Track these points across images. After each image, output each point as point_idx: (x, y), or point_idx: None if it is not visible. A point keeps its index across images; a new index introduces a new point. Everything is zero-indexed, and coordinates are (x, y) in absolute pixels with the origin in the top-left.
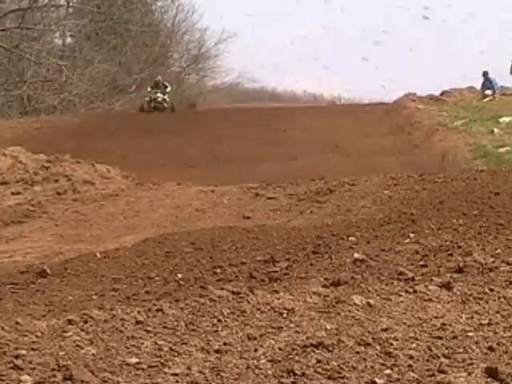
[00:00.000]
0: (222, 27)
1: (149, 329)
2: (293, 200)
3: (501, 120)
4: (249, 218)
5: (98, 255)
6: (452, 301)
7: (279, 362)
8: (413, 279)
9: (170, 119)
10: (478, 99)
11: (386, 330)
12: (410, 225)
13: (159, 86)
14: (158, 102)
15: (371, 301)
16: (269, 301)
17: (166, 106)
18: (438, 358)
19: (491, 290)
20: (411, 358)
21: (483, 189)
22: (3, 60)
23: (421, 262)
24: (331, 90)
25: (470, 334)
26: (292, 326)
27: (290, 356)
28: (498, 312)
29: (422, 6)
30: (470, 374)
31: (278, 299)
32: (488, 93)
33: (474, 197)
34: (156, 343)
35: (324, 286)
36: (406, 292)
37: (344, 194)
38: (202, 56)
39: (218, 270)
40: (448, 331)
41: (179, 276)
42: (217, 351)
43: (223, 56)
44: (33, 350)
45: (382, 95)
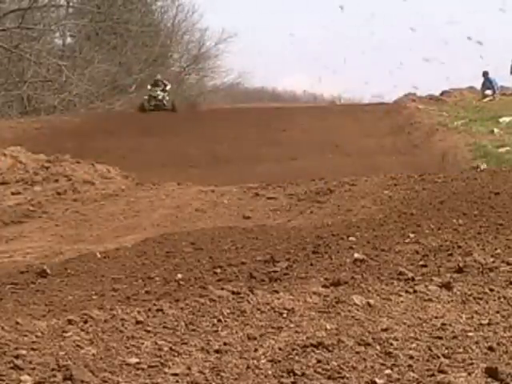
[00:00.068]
0: (222, 27)
1: (149, 329)
2: (293, 200)
3: (501, 120)
4: (249, 218)
5: (98, 255)
6: (452, 301)
7: (279, 362)
8: (413, 279)
9: (170, 119)
10: (478, 99)
11: (386, 330)
12: (410, 225)
13: (159, 85)
14: (158, 99)
15: (371, 301)
16: (269, 301)
17: (167, 105)
18: (438, 358)
19: (491, 290)
20: (411, 358)
21: (483, 189)
22: (3, 60)
23: (421, 262)
24: (331, 90)
25: (470, 333)
26: (292, 325)
27: (290, 356)
28: (498, 312)
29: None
30: (470, 373)
31: (278, 299)
32: (488, 93)
33: (474, 197)
34: (156, 343)
35: (324, 286)
36: (406, 292)
37: (344, 194)
38: (202, 56)
39: (218, 270)
40: (448, 331)
41: (179, 276)
42: (217, 351)
43: (223, 56)
44: (33, 349)
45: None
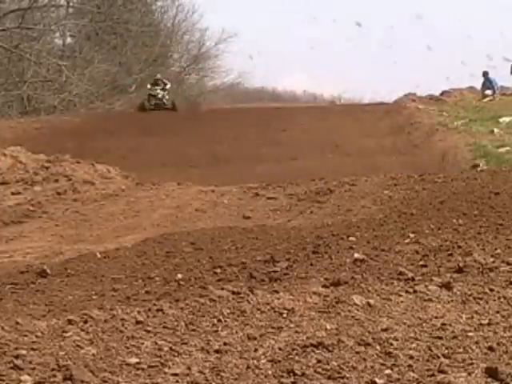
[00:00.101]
0: (222, 27)
1: (149, 329)
2: (293, 200)
3: (501, 120)
4: (249, 218)
5: (98, 255)
6: (452, 301)
7: (279, 362)
8: (413, 279)
9: (169, 119)
10: (478, 99)
11: (386, 330)
12: (410, 225)
13: (159, 84)
14: (158, 98)
15: (371, 301)
16: (269, 301)
17: (167, 104)
18: (438, 357)
19: (491, 290)
20: (411, 357)
21: (483, 189)
22: (3, 60)
23: (421, 262)
24: (331, 90)
25: (470, 333)
26: (292, 325)
27: (290, 356)
28: (498, 312)
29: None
30: (470, 373)
31: (278, 299)
32: (488, 93)
33: (473, 197)
34: (156, 343)
35: (324, 286)
36: (406, 292)
37: (344, 194)
38: (202, 56)
39: (218, 270)
40: (448, 331)
41: (179, 276)
42: (217, 351)
43: (223, 56)
44: (33, 349)
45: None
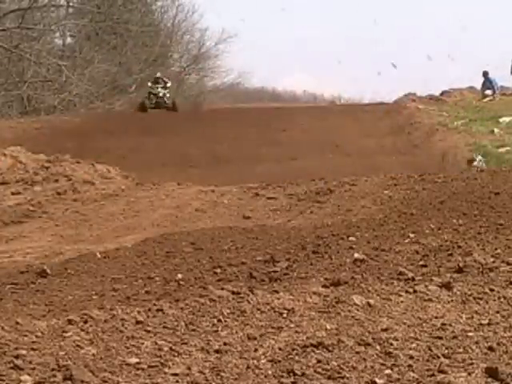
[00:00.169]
0: (222, 27)
1: (149, 329)
2: (293, 200)
3: (501, 120)
4: (249, 218)
5: (98, 255)
6: (452, 301)
7: (279, 362)
8: (413, 279)
9: (169, 119)
10: (478, 99)
11: (386, 330)
12: (410, 225)
13: (159, 82)
14: (159, 97)
15: (371, 301)
16: (269, 301)
17: (168, 103)
18: (438, 357)
19: (491, 290)
20: (411, 358)
21: (483, 189)
22: (3, 60)
23: (421, 262)
24: (331, 90)
25: (470, 333)
26: (292, 325)
27: (290, 356)
28: (498, 312)
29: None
30: (470, 374)
31: (278, 299)
32: (488, 93)
33: (474, 197)
34: (156, 343)
35: (324, 286)
36: (406, 292)
37: (344, 194)
38: (202, 56)
39: (218, 270)
40: (448, 331)
41: (179, 276)
42: (217, 351)
43: (223, 56)
44: (33, 349)
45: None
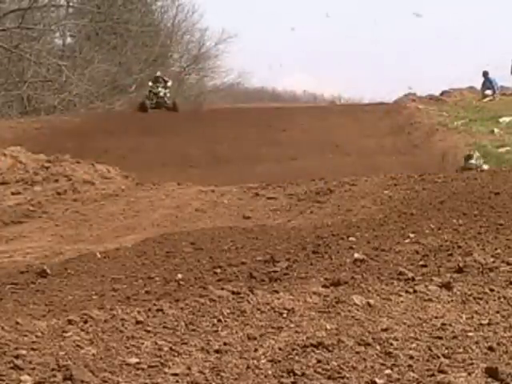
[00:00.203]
0: (222, 27)
1: (149, 329)
2: (293, 200)
3: (501, 120)
4: (249, 218)
5: (98, 255)
6: (452, 301)
7: (279, 362)
8: (413, 279)
9: (169, 119)
10: (478, 99)
11: (386, 330)
12: (410, 225)
13: (160, 81)
14: (159, 96)
15: (371, 301)
16: (269, 301)
17: (168, 102)
18: (438, 357)
19: (491, 290)
20: (411, 358)
21: (483, 189)
22: (3, 60)
23: (421, 262)
24: (331, 90)
25: (470, 333)
26: (292, 325)
27: (290, 356)
28: (498, 312)
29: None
30: (470, 373)
31: (278, 299)
32: (488, 93)
33: (474, 197)
34: (156, 343)
35: (324, 286)
36: (406, 292)
37: (344, 194)
38: (202, 56)
39: (218, 270)
40: (448, 331)
41: (179, 276)
42: (217, 351)
43: (223, 56)
44: (33, 349)
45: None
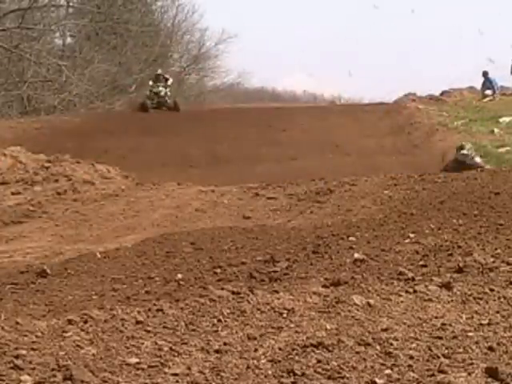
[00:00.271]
0: (222, 27)
1: (149, 329)
2: (293, 200)
3: (501, 120)
4: (249, 218)
5: (98, 255)
6: (452, 301)
7: (279, 362)
8: (413, 279)
9: (169, 119)
10: (478, 99)
11: (386, 330)
12: (410, 225)
13: (160, 80)
14: (160, 96)
15: (371, 301)
16: (269, 301)
17: (169, 102)
18: (438, 357)
19: (491, 290)
20: (411, 358)
21: (483, 189)
22: (3, 60)
23: (421, 262)
24: (331, 90)
25: (470, 333)
26: (292, 325)
27: (290, 356)
28: (498, 312)
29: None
30: (470, 373)
31: (278, 299)
32: (488, 93)
33: (474, 197)
34: (156, 343)
35: (324, 286)
36: (406, 292)
37: (344, 194)
38: (202, 56)
39: (218, 270)
40: (448, 331)
41: (179, 276)
42: (217, 351)
43: (223, 56)
44: (33, 349)
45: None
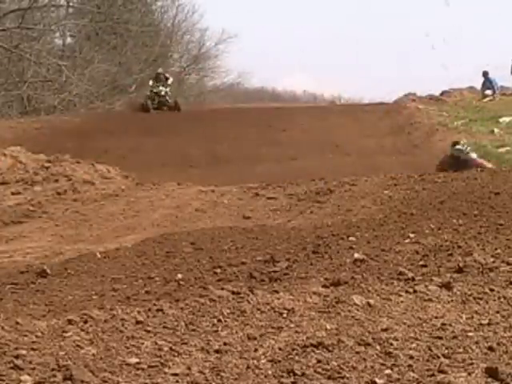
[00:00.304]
0: (222, 27)
1: (149, 329)
2: (293, 200)
3: (501, 120)
4: (249, 218)
5: (98, 255)
6: (452, 301)
7: (279, 362)
8: (413, 279)
9: (169, 119)
10: (478, 99)
11: (386, 330)
12: (410, 225)
13: (160, 79)
14: (161, 96)
15: (371, 301)
16: (269, 301)
17: (170, 101)
18: (438, 357)
19: (491, 290)
20: (411, 358)
21: (483, 189)
22: (3, 60)
23: (421, 262)
24: (331, 90)
25: (470, 333)
26: (292, 325)
27: (290, 356)
28: (498, 312)
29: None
30: (470, 374)
31: (278, 299)
32: (488, 93)
33: (474, 197)
34: (156, 343)
35: (324, 286)
36: (406, 292)
37: (344, 194)
38: (202, 56)
39: (218, 270)
40: (448, 331)
41: (179, 276)
42: (217, 351)
43: (223, 56)
44: (33, 349)
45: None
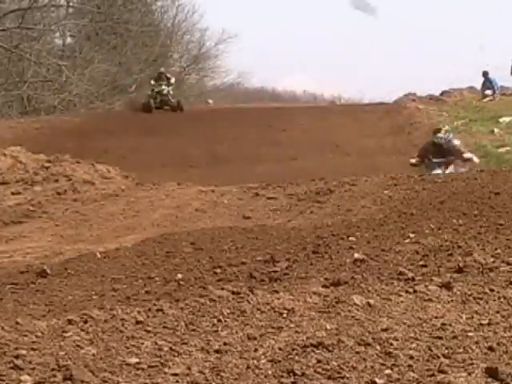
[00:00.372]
0: (222, 27)
1: (149, 329)
2: (293, 200)
3: (501, 120)
4: (249, 218)
5: (98, 255)
6: (452, 301)
7: (279, 362)
8: (413, 279)
9: (169, 119)
10: (478, 99)
11: (386, 330)
12: (410, 225)
13: (162, 78)
14: (163, 95)
15: (371, 301)
16: (269, 301)
17: (172, 101)
18: (438, 357)
19: (491, 290)
20: (411, 358)
21: (483, 189)
22: (3, 60)
23: (421, 262)
24: (331, 90)
25: (470, 333)
26: (292, 325)
27: (290, 356)
28: (498, 312)
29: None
30: (470, 374)
31: (278, 299)
32: (488, 93)
33: (474, 197)
34: (156, 343)
35: (324, 286)
36: (406, 292)
37: (344, 194)
38: (202, 56)
39: (218, 270)
40: (448, 331)
41: (179, 276)
42: (217, 351)
43: (223, 56)
44: (33, 349)
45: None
